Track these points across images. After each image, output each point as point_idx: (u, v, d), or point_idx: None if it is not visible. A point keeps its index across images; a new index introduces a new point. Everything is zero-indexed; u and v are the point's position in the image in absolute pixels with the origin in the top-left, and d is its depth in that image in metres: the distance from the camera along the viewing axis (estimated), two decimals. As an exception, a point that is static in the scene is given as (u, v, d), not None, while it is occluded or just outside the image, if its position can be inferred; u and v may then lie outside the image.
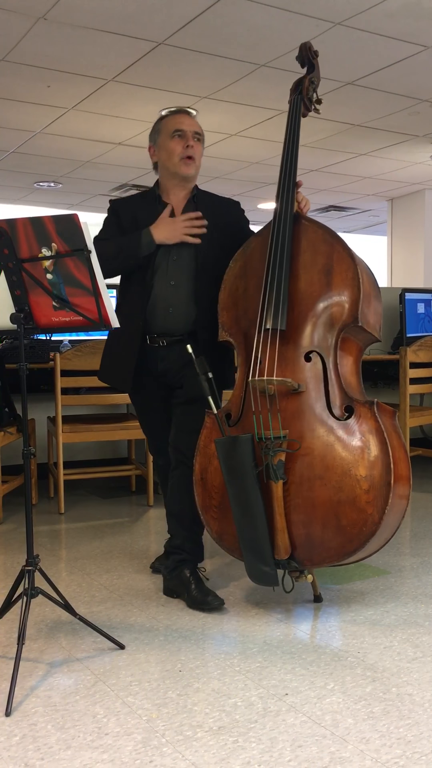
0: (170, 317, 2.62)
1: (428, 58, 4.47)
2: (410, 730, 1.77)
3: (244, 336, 2.56)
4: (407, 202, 8.49)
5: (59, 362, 3.72)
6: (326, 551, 2.37)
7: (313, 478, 2.37)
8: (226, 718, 1.83)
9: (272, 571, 2.38)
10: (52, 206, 8.72)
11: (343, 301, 2.46)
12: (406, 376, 4.24)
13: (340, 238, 2.55)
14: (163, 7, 3.75)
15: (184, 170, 2.64)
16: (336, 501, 2.34)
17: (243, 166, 7.06)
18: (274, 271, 2.49)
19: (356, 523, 2.33)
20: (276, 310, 2.46)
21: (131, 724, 1.81)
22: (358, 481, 2.33)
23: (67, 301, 2.08)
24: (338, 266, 2.49)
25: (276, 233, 2.53)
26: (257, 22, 3.91)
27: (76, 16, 3.82)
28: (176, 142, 2.63)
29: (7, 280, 2.11)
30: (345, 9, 3.80)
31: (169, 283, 2.62)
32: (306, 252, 2.54)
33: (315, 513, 2.36)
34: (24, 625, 2.02)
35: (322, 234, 2.55)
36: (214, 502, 2.50)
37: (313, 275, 2.51)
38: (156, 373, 2.68)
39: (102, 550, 3.21)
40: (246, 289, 2.58)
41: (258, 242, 2.61)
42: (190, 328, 2.63)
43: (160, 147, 2.68)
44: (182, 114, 2.74)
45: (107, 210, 2.75)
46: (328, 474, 2.36)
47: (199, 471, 2.53)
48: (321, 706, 1.88)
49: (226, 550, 2.52)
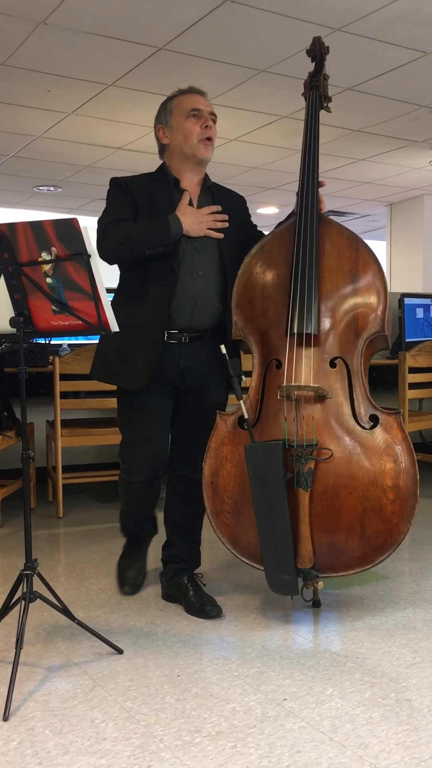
0: (198, 310, 2.46)
1: (428, 64, 4.48)
2: (409, 735, 1.77)
3: (262, 336, 2.49)
4: (406, 207, 8.51)
5: (58, 366, 3.72)
6: (349, 560, 2.38)
7: (339, 486, 2.36)
8: (225, 723, 1.83)
9: (293, 580, 2.34)
10: (52, 210, 8.73)
11: (371, 309, 2.47)
12: (405, 381, 4.24)
13: (363, 241, 2.55)
14: (163, 12, 3.76)
15: (203, 153, 2.49)
16: (361, 510, 2.35)
17: (243, 170, 7.07)
18: (304, 274, 2.43)
19: (381, 533, 2.35)
20: (308, 314, 2.41)
21: (129, 729, 1.80)
22: (385, 491, 2.34)
23: (67, 305, 2.08)
24: (364, 272, 2.50)
25: (303, 234, 2.47)
26: (257, 27, 3.92)
27: (77, 21, 3.83)
28: (193, 122, 2.47)
29: (7, 284, 2.11)
30: (345, 15, 3.81)
31: (197, 274, 2.45)
32: (331, 255, 2.51)
33: (339, 522, 2.36)
34: (22, 629, 2.02)
35: (347, 237, 2.54)
36: (226, 507, 2.43)
37: (339, 280, 2.49)
38: (171, 372, 2.49)
39: (100, 555, 3.20)
40: (264, 288, 2.50)
41: (276, 240, 2.54)
42: (216, 322, 2.51)
43: (174, 128, 2.50)
44: (196, 93, 2.56)
45: (112, 186, 2.51)
46: (354, 483, 2.35)
47: (210, 474, 2.45)
48: (320, 712, 1.88)
49: (239, 556, 2.45)
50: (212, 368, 2.52)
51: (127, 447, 2.58)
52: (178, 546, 2.62)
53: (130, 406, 2.53)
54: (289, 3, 3.67)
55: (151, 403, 2.49)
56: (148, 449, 2.53)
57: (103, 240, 2.41)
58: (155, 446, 2.54)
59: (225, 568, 2.99)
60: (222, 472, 2.44)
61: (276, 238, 2.56)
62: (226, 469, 2.43)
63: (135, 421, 2.53)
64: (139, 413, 2.51)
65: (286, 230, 2.55)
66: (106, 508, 4.06)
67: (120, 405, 2.58)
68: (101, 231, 2.42)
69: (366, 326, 2.48)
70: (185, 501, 2.61)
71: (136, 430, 2.53)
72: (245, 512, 2.40)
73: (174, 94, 2.57)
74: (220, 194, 2.60)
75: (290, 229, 2.55)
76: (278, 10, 3.75)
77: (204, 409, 2.52)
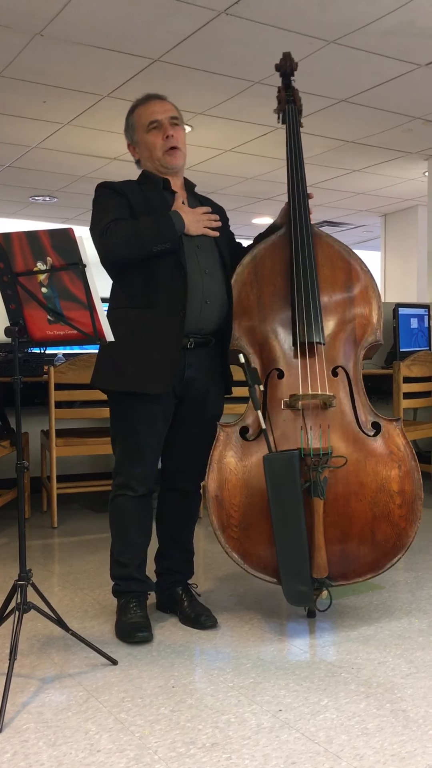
0: (206, 309, 2.40)
1: (421, 76, 4.52)
2: (404, 746, 1.76)
3: (260, 346, 2.49)
4: (400, 217, 8.55)
5: (53, 376, 3.71)
6: (360, 567, 2.40)
7: (349, 493, 2.38)
8: (220, 735, 1.82)
9: (309, 591, 2.32)
10: (48, 220, 8.75)
11: (367, 318, 2.52)
12: (399, 391, 4.25)
13: (353, 252, 2.59)
14: (158, 24, 3.78)
15: (171, 162, 2.45)
16: (371, 516, 2.38)
17: (238, 181, 7.10)
18: (306, 283, 2.45)
19: (390, 538, 2.39)
20: (315, 323, 2.44)
21: (124, 741, 1.79)
22: (392, 496, 2.39)
23: (62, 314, 2.08)
24: (358, 282, 2.55)
25: (299, 244, 2.49)
26: (252, 39, 3.95)
27: (73, 33, 3.85)
28: (154, 135, 2.44)
29: (2, 294, 2.11)
30: (339, 27, 3.84)
31: (204, 272, 2.40)
32: (324, 266, 2.54)
33: (351, 529, 2.38)
34: (16, 640, 2.01)
35: (338, 248, 2.58)
36: (233, 520, 2.38)
37: (335, 290, 2.53)
38: (176, 382, 2.40)
39: (95, 565, 3.19)
40: (260, 296, 2.51)
41: (268, 251, 2.56)
42: (220, 325, 2.46)
43: (139, 144, 2.50)
44: (153, 101, 2.49)
45: (102, 190, 2.46)
46: (363, 490, 2.39)
47: (214, 489, 2.39)
48: (315, 723, 1.87)
49: (249, 570, 2.40)
50: (213, 378, 2.52)
51: (127, 459, 2.45)
52: (172, 557, 2.60)
53: (133, 416, 2.40)
54: (284, 16, 3.70)
55: (156, 414, 2.41)
56: (151, 461, 2.45)
57: (108, 239, 2.31)
58: (155, 459, 2.47)
59: (220, 578, 2.98)
60: (227, 486, 2.39)
61: (268, 248, 2.57)
62: (231, 482, 2.39)
63: (137, 432, 2.41)
64: (143, 424, 2.40)
65: (278, 241, 2.58)
66: (101, 518, 4.05)
67: (118, 415, 2.46)
68: (102, 231, 2.32)
69: (363, 335, 2.53)
70: (178, 512, 2.59)
71: (138, 441, 2.41)
72: (254, 525, 2.37)
73: (133, 106, 2.53)
74: (205, 200, 2.61)
75: (283, 240, 2.58)
76: (273, 23, 3.78)
77: (201, 420, 2.50)
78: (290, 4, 3.59)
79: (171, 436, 2.51)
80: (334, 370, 2.47)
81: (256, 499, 2.37)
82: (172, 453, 2.54)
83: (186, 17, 3.71)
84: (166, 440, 2.51)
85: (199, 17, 3.71)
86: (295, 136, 2.70)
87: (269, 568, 2.39)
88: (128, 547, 2.47)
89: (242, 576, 2.97)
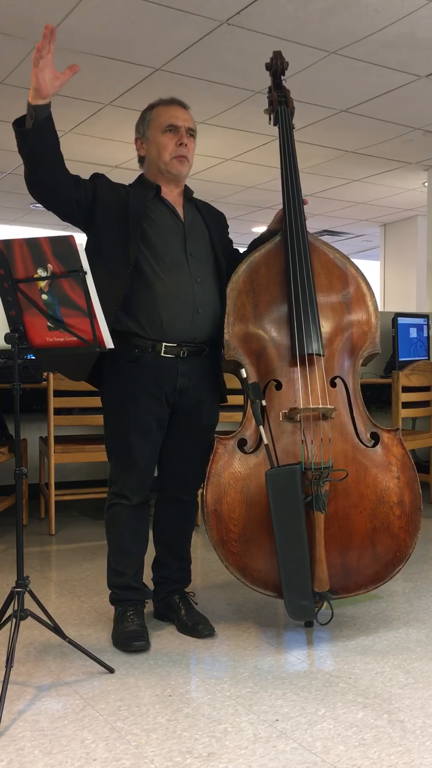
0: (198, 318, 2.38)
1: (421, 87, 4.54)
2: (401, 757, 1.75)
3: (257, 357, 2.45)
4: (400, 227, 8.58)
5: (52, 382, 3.71)
6: (361, 579, 2.39)
7: (349, 506, 2.37)
8: (216, 744, 1.81)
9: (311, 605, 2.31)
10: (48, 227, 8.77)
11: (364, 327, 2.49)
12: (398, 401, 4.25)
13: (350, 260, 2.56)
14: (160, 34, 3.80)
15: (177, 168, 2.43)
16: (371, 528, 2.37)
17: (238, 190, 7.12)
18: (304, 293, 2.42)
19: (390, 550, 2.38)
20: (315, 334, 2.41)
21: (120, 750, 1.78)
22: (391, 508, 2.38)
23: (62, 321, 2.08)
24: (355, 291, 2.52)
25: (294, 253, 2.46)
26: (253, 49, 3.97)
27: (75, 42, 3.88)
28: (168, 137, 2.42)
29: (2, 300, 2.11)
30: (340, 38, 3.86)
31: (196, 281, 2.39)
32: (320, 275, 2.51)
33: (351, 541, 2.37)
34: (13, 647, 2.00)
35: (334, 256, 2.55)
36: (232, 535, 2.34)
37: (332, 299, 2.50)
38: (169, 392, 2.40)
39: (93, 572, 3.18)
40: (256, 306, 2.47)
41: (264, 259, 2.51)
42: (214, 335, 2.44)
43: (150, 140, 2.46)
44: (176, 106, 2.47)
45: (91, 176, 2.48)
46: (363, 502, 2.38)
47: (213, 503, 2.35)
48: (312, 733, 1.86)
49: (249, 585, 2.38)
50: (208, 388, 2.50)
51: (120, 468, 2.45)
52: (169, 566, 2.59)
53: (125, 425, 2.40)
54: (285, 26, 3.72)
55: (149, 424, 2.40)
56: (144, 471, 2.44)
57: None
58: (149, 468, 2.46)
59: (217, 587, 2.97)
60: (226, 499, 2.36)
61: (263, 257, 2.52)
62: (230, 496, 2.36)
63: (130, 441, 2.40)
64: (137, 434, 2.40)
65: (273, 249, 2.53)
66: (99, 526, 4.04)
67: (111, 424, 2.46)
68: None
69: (360, 345, 2.50)
70: (175, 520, 2.58)
71: (133, 453, 2.40)
72: (254, 539, 2.35)
73: (155, 103, 2.51)
74: (203, 206, 2.57)
75: (278, 248, 2.53)
76: (274, 33, 3.80)
77: (196, 430, 2.49)
78: (291, 15, 3.61)
79: (166, 445, 2.50)
80: (332, 381, 2.45)
81: (256, 513, 2.34)
82: (168, 462, 2.53)
83: (188, 27, 3.73)
84: (162, 450, 2.50)
85: (201, 27, 3.73)
86: (289, 138, 2.64)
87: (269, 583, 2.37)
88: (124, 556, 2.46)
89: (240, 585, 2.96)
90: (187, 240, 2.43)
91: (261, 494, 2.34)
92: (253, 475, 2.37)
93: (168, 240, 2.40)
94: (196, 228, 2.48)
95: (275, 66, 2.74)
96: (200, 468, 2.44)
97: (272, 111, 2.72)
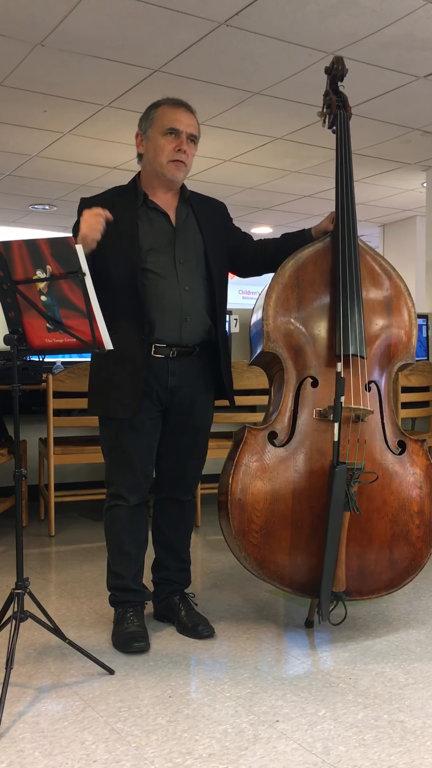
0: (187, 326, 2.38)
1: (420, 88, 4.54)
2: (402, 757, 1.75)
3: (296, 352, 2.45)
4: (399, 228, 8.58)
5: (52, 384, 3.71)
6: (376, 583, 2.42)
7: (371, 510, 2.39)
8: (216, 745, 1.81)
9: (327, 603, 2.32)
10: (47, 229, 8.77)
11: (403, 338, 2.53)
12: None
13: (395, 269, 2.58)
14: (159, 35, 3.80)
15: (172, 173, 2.40)
16: (390, 534, 2.40)
17: (237, 191, 7.13)
18: (352, 295, 2.43)
19: (406, 557, 2.41)
20: (360, 336, 2.42)
21: (120, 751, 1.78)
22: (412, 517, 2.41)
23: (61, 322, 2.08)
24: (396, 300, 2.55)
25: (345, 255, 2.47)
26: (251, 51, 3.97)
27: (74, 43, 3.88)
28: (168, 140, 2.38)
29: (1, 302, 2.11)
30: (339, 39, 3.86)
31: (184, 289, 2.38)
32: (365, 279, 2.53)
33: (370, 545, 2.39)
34: (12, 649, 2.00)
35: (378, 261, 2.58)
36: (254, 526, 2.33)
37: (375, 304, 2.53)
38: (160, 391, 2.40)
39: (92, 574, 3.18)
40: (300, 301, 2.46)
41: (311, 257, 2.50)
42: (205, 338, 2.44)
43: (149, 140, 2.43)
44: (182, 109, 2.43)
45: (80, 207, 2.39)
46: (385, 507, 2.40)
47: (238, 492, 2.32)
48: (312, 733, 1.86)
49: (265, 578, 2.37)
50: (200, 387, 2.49)
51: (117, 470, 2.45)
52: (168, 567, 2.59)
53: (118, 428, 2.40)
54: (284, 28, 3.72)
55: (143, 422, 2.40)
56: (140, 471, 2.43)
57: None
58: (145, 468, 2.46)
59: (217, 587, 2.97)
60: (251, 490, 2.34)
61: (312, 255, 2.51)
62: (256, 487, 2.34)
63: (123, 442, 2.40)
64: (130, 435, 2.40)
65: (322, 248, 2.53)
66: (98, 527, 4.03)
67: (106, 427, 2.45)
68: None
69: (397, 353, 2.54)
70: (174, 521, 2.58)
71: (127, 452, 2.41)
72: (275, 533, 2.34)
73: (162, 101, 2.47)
74: (200, 204, 2.54)
75: (327, 248, 2.53)
76: (273, 35, 3.80)
77: (190, 430, 2.49)
78: (290, 16, 3.61)
79: (162, 445, 2.50)
80: (368, 385, 2.47)
81: (280, 506, 2.35)
82: (165, 463, 2.53)
83: (186, 28, 3.73)
84: (158, 450, 2.50)
85: (200, 28, 3.73)
86: (347, 142, 2.64)
87: (285, 578, 2.37)
88: (124, 557, 2.46)
89: (240, 585, 2.97)
90: (177, 246, 2.40)
91: (287, 488, 2.36)
92: (281, 468, 2.37)
93: (157, 247, 2.39)
94: (187, 232, 2.46)
95: (335, 71, 2.76)
96: (197, 468, 2.46)
97: (330, 114, 2.73)
